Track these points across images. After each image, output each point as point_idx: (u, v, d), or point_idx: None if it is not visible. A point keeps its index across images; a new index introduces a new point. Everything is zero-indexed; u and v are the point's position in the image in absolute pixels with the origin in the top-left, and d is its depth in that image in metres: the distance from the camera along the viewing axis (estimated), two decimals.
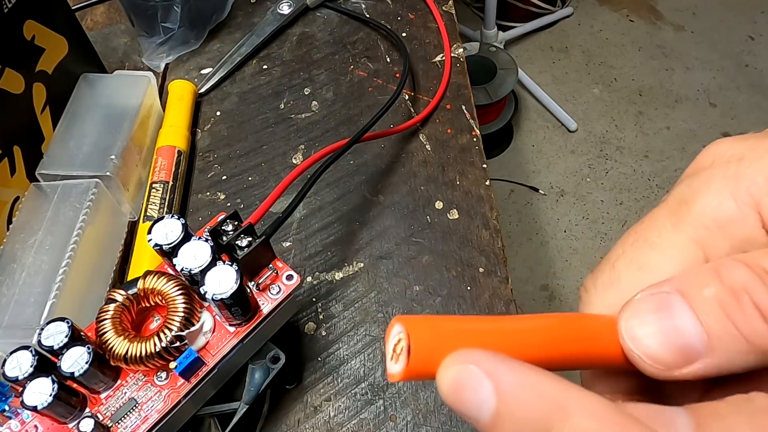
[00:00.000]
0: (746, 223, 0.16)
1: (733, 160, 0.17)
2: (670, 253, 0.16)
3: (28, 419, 0.27)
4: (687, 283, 0.14)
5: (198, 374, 0.28)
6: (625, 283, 0.17)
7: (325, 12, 0.57)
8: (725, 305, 0.14)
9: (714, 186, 0.16)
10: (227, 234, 0.29)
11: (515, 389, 0.13)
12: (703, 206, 0.16)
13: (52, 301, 0.33)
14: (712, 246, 0.16)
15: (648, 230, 0.17)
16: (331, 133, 0.48)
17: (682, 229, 0.16)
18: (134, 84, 0.46)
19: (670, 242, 0.17)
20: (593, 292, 0.18)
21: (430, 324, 0.14)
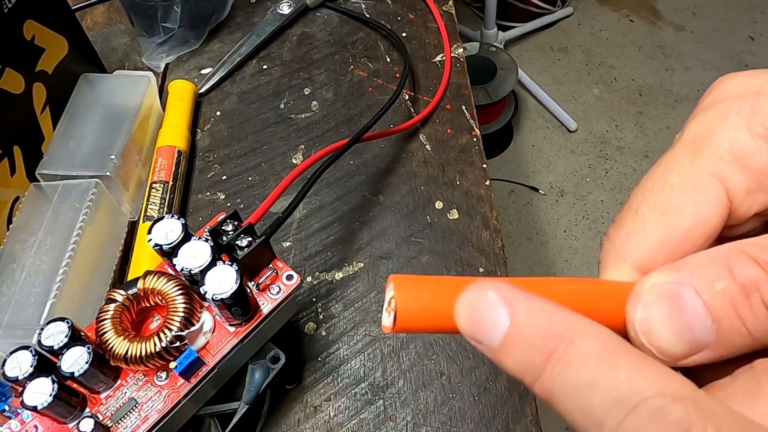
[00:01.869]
0: (761, 155, 0.16)
1: (749, 94, 0.17)
2: (692, 192, 0.16)
3: (28, 419, 0.27)
4: (699, 276, 0.14)
5: (198, 374, 0.28)
6: (650, 229, 0.17)
7: (325, 12, 0.57)
8: (736, 302, 0.14)
9: (730, 120, 0.17)
10: (227, 234, 0.29)
11: (528, 313, 0.14)
12: (720, 140, 0.16)
13: (52, 301, 0.33)
14: (731, 179, 0.16)
15: (666, 172, 0.17)
16: (331, 133, 0.48)
17: (701, 165, 0.16)
18: (134, 84, 0.46)
19: (690, 180, 0.17)
20: (618, 241, 0.18)
21: (417, 282, 0.15)
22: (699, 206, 0.16)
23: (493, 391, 0.35)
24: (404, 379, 0.36)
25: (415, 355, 0.37)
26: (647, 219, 0.17)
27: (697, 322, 0.14)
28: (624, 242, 0.17)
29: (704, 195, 0.16)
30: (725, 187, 0.16)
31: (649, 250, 0.17)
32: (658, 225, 0.17)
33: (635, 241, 0.17)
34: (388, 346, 0.37)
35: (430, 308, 0.15)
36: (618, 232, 0.18)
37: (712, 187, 0.16)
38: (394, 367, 0.36)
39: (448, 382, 0.35)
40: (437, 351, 0.36)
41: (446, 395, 0.35)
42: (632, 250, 0.17)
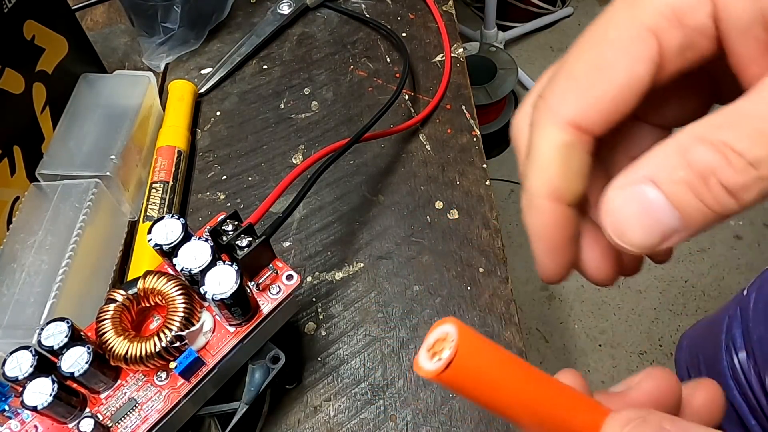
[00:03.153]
0: (700, 12, 0.16)
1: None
2: (627, 47, 0.16)
3: (28, 419, 0.27)
4: (657, 170, 0.15)
5: (198, 374, 0.28)
6: (584, 84, 0.17)
7: (325, 12, 0.57)
8: (695, 189, 0.14)
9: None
10: (227, 234, 0.29)
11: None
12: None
13: (52, 301, 0.33)
14: (667, 36, 0.16)
15: (604, 27, 0.17)
16: (331, 133, 0.48)
17: (639, 18, 0.16)
18: (134, 84, 0.46)
19: (627, 34, 0.16)
20: (551, 99, 0.18)
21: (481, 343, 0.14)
22: (633, 62, 0.16)
23: None
24: (404, 379, 0.36)
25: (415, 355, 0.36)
26: (582, 75, 0.17)
27: (663, 214, 0.15)
28: (558, 100, 0.17)
29: (639, 50, 0.16)
30: (659, 43, 0.16)
31: (583, 106, 0.17)
32: (592, 81, 0.17)
33: (569, 98, 0.17)
34: (388, 346, 0.37)
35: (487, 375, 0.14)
36: (552, 89, 0.18)
37: (647, 43, 0.16)
38: (394, 367, 0.36)
39: None
40: None
41: (446, 395, 0.35)
42: (566, 108, 0.17)
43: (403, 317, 0.38)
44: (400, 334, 0.37)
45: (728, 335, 0.52)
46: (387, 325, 0.38)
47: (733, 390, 0.50)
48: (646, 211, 0.15)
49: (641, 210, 0.15)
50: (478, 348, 0.14)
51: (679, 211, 0.14)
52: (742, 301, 0.52)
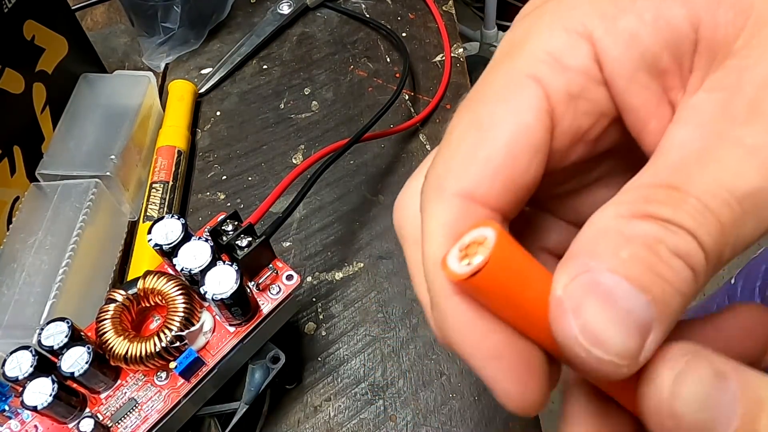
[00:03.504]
0: (579, 53, 0.14)
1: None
2: (508, 99, 0.15)
3: (28, 419, 0.27)
4: (599, 254, 0.12)
5: (198, 374, 0.28)
6: (468, 149, 0.15)
7: (325, 12, 0.57)
8: (650, 264, 0.12)
9: (546, 19, 0.15)
10: (227, 234, 0.29)
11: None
12: (536, 40, 0.15)
13: (52, 301, 0.33)
14: (550, 81, 0.15)
15: (482, 84, 0.15)
16: (331, 133, 0.48)
17: (517, 67, 0.15)
18: (134, 84, 0.46)
19: (506, 86, 0.15)
20: (437, 169, 0.15)
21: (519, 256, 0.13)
22: (518, 113, 0.14)
23: None
24: (404, 379, 0.36)
25: (415, 355, 0.37)
26: (463, 140, 0.15)
27: (631, 301, 0.12)
28: (441, 173, 0.15)
29: (522, 100, 0.14)
30: (543, 89, 0.14)
31: (472, 173, 0.14)
32: (475, 143, 0.15)
33: (453, 169, 0.15)
34: (388, 346, 0.37)
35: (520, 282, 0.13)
36: (434, 166, 0.15)
37: (529, 90, 0.14)
38: (394, 367, 0.36)
39: (448, 382, 0.35)
40: (437, 351, 0.36)
41: (446, 395, 0.35)
42: (452, 179, 0.15)
43: (403, 317, 0.38)
44: (400, 334, 0.37)
45: None
46: (387, 325, 0.38)
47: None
48: (612, 301, 0.12)
49: (606, 301, 0.12)
50: (514, 261, 0.13)
51: (645, 295, 0.12)
52: (730, 289, 0.52)
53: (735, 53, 0.13)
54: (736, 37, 0.13)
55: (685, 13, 0.14)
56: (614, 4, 0.14)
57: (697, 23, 0.14)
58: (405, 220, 0.18)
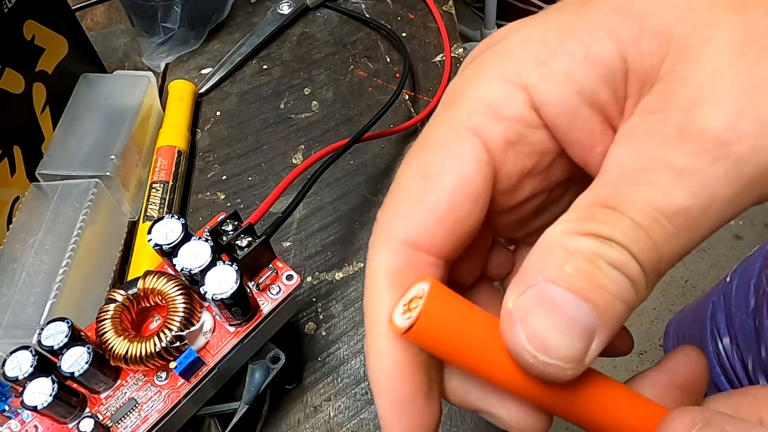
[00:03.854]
0: (515, 102, 0.15)
1: (502, 40, 0.16)
2: (450, 151, 0.15)
3: (28, 419, 0.27)
4: (545, 269, 0.13)
5: (198, 374, 0.28)
6: (414, 198, 0.16)
7: (325, 12, 0.57)
8: (591, 276, 0.13)
9: (485, 68, 0.16)
10: (227, 234, 0.29)
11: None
12: (474, 91, 0.16)
13: (52, 301, 0.33)
14: (488, 132, 0.15)
15: (427, 134, 0.16)
16: (331, 133, 0.48)
17: (457, 119, 0.16)
18: (134, 84, 0.46)
19: (447, 138, 0.16)
20: (384, 218, 0.16)
21: (455, 297, 0.14)
22: (459, 165, 0.15)
23: None
24: None
25: None
26: (410, 188, 0.16)
27: (575, 309, 0.13)
28: (390, 219, 0.16)
29: (463, 152, 0.15)
30: (482, 140, 0.15)
31: (417, 222, 0.16)
32: (420, 192, 0.16)
33: (400, 215, 0.16)
34: None
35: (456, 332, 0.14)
36: (384, 209, 0.17)
37: (468, 143, 0.15)
38: None
39: None
40: None
41: None
42: (399, 226, 0.16)
43: None
44: None
45: (712, 322, 0.52)
46: None
47: (719, 375, 0.50)
48: (557, 310, 0.13)
49: (551, 311, 0.13)
50: (449, 307, 0.14)
51: (587, 303, 0.13)
52: (726, 287, 0.52)
53: (661, 78, 0.14)
54: (661, 64, 0.14)
55: (613, 47, 0.14)
56: (546, 47, 0.15)
57: (625, 55, 0.14)
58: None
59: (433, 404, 0.16)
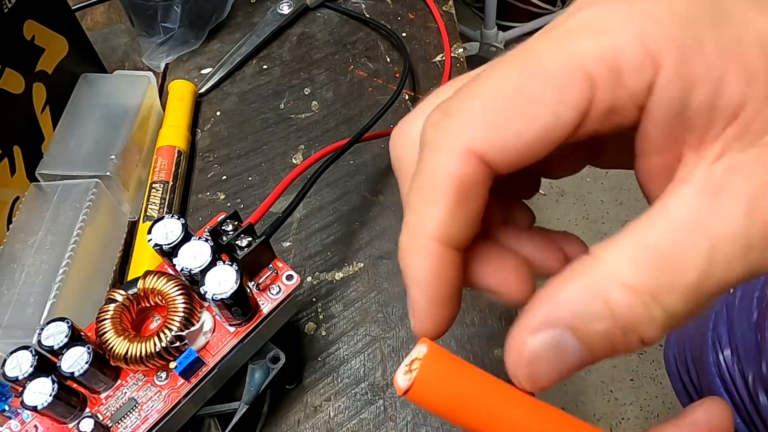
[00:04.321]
0: (643, 76, 0.14)
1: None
2: (561, 86, 0.14)
3: (28, 419, 0.27)
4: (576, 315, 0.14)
5: (198, 374, 0.28)
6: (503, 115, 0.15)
7: (325, 12, 0.57)
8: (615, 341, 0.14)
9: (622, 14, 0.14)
10: (227, 234, 0.29)
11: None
12: (607, 38, 0.14)
13: (52, 301, 0.33)
14: (601, 91, 0.14)
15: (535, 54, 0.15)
16: (331, 133, 0.48)
17: (577, 56, 0.14)
18: (134, 84, 0.46)
19: (562, 71, 0.14)
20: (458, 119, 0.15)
21: (450, 358, 0.15)
22: (563, 106, 0.14)
23: None
24: None
25: None
26: (501, 102, 0.15)
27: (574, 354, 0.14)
28: (466, 123, 0.15)
29: (573, 95, 0.14)
30: (591, 95, 0.14)
31: (495, 138, 0.15)
32: (512, 112, 0.14)
33: (479, 124, 0.15)
34: (388, 346, 0.37)
35: (453, 391, 0.15)
36: (459, 108, 0.15)
37: (582, 89, 0.14)
38: (394, 368, 0.36)
39: None
40: None
41: None
42: (473, 134, 0.15)
43: (403, 317, 0.38)
44: (400, 334, 0.37)
45: (714, 332, 0.52)
46: (387, 325, 0.38)
47: (719, 387, 0.50)
48: (561, 356, 0.14)
49: (556, 356, 0.14)
50: (444, 369, 0.15)
51: (588, 351, 0.14)
52: (728, 299, 0.52)
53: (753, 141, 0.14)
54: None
55: (742, 90, 0.14)
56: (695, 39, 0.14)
57: (744, 103, 0.14)
58: (404, 150, 0.18)
59: (459, 299, 0.17)
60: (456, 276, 0.17)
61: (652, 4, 0.14)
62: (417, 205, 0.16)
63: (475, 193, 0.15)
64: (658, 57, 0.14)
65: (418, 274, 0.16)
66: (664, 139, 0.15)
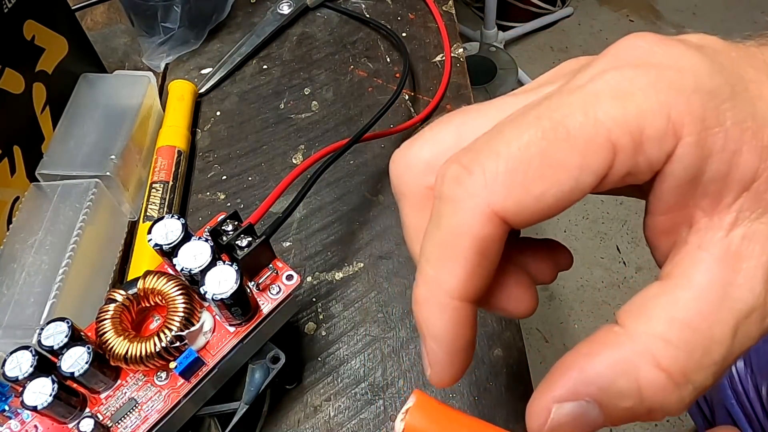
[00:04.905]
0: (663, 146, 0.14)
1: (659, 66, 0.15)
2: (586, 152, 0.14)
3: (28, 419, 0.27)
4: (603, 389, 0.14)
5: (198, 374, 0.28)
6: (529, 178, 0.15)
7: (325, 12, 0.57)
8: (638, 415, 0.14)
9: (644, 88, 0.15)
10: (227, 234, 0.29)
11: None
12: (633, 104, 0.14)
13: (52, 301, 0.33)
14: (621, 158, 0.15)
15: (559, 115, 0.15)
16: (331, 133, 0.48)
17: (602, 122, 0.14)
18: (134, 84, 0.46)
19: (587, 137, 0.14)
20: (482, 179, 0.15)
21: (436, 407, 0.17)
22: (586, 172, 0.15)
23: (493, 391, 0.35)
24: (404, 379, 0.36)
25: (415, 355, 0.37)
26: (527, 164, 0.15)
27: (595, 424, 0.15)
28: (490, 183, 0.15)
29: (596, 161, 0.15)
30: (614, 161, 0.15)
31: (519, 200, 0.15)
32: (538, 176, 0.15)
33: (504, 186, 0.15)
34: (388, 346, 0.37)
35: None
36: (483, 166, 0.15)
37: (605, 157, 0.14)
38: (394, 367, 0.36)
39: None
40: None
41: (446, 395, 0.35)
42: (499, 196, 0.15)
43: (403, 317, 0.38)
44: (400, 334, 0.37)
45: None
46: (387, 325, 0.38)
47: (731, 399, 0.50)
48: (581, 424, 0.15)
49: (577, 424, 0.15)
50: (430, 416, 0.17)
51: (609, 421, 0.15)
52: None
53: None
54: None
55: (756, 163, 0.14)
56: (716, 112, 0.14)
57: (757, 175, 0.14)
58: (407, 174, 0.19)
59: (474, 346, 0.18)
60: (473, 328, 0.17)
61: (676, 73, 0.15)
62: (436, 261, 0.16)
63: (493, 250, 0.16)
64: (679, 128, 0.14)
65: (437, 329, 0.17)
66: (677, 201, 0.15)
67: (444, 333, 0.17)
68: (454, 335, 0.17)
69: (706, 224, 0.15)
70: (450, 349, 0.17)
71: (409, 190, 0.19)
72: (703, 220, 0.15)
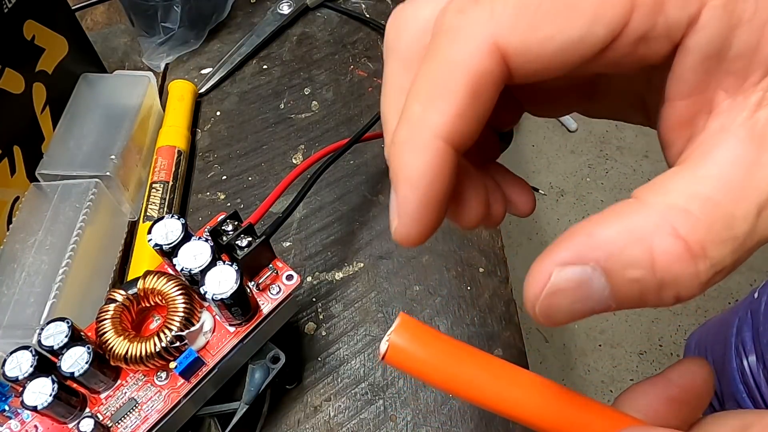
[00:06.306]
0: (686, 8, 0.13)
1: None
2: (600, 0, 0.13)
3: (28, 419, 0.27)
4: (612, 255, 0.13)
5: (198, 374, 0.28)
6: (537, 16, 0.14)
7: (325, 12, 0.57)
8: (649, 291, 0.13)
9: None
10: (227, 234, 0.29)
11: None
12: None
13: (52, 301, 0.33)
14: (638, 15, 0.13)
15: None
16: (331, 133, 0.48)
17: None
18: (134, 84, 0.46)
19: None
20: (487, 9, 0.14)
21: (420, 328, 0.17)
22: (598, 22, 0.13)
23: None
24: (404, 379, 0.36)
25: None
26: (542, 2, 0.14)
27: (598, 295, 0.13)
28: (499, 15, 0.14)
29: (612, 12, 0.13)
30: (631, 16, 0.13)
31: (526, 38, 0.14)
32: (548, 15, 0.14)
33: (510, 19, 0.14)
34: None
35: (420, 357, 0.17)
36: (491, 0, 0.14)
37: (622, 10, 0.13)
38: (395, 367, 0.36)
39: None
40: None
41: (446, 395, 0.35)
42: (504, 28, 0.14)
43: None
44: None
45: (738, 338, 0.52)
46: (387, 325, 0.38)
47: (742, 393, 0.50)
48: (584, 294, 0.13)
49: (579, 294, 0.13)
50: (414, 336, 0.17)
51: (614, 297, 0.13)
52: (753, 303, 0.52)
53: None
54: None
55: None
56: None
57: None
58: (403, 31, 0.17)
59: (446, 207, 0.16)
60: (451, 181, 0.15)
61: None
62: (426, 97, 0.15)
63: (489, 93, 0.14)
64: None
65: (415, 172, 0.15)
66: (700, 80, 0.14)
67: (421, 176, 0.15)
68: (431, 179, 0.15)
69: (729, 105, 0.14)
70: (425, 196, 0.15)
71: (402, 47, 0.17)
72: (725, 102, 0.14)
